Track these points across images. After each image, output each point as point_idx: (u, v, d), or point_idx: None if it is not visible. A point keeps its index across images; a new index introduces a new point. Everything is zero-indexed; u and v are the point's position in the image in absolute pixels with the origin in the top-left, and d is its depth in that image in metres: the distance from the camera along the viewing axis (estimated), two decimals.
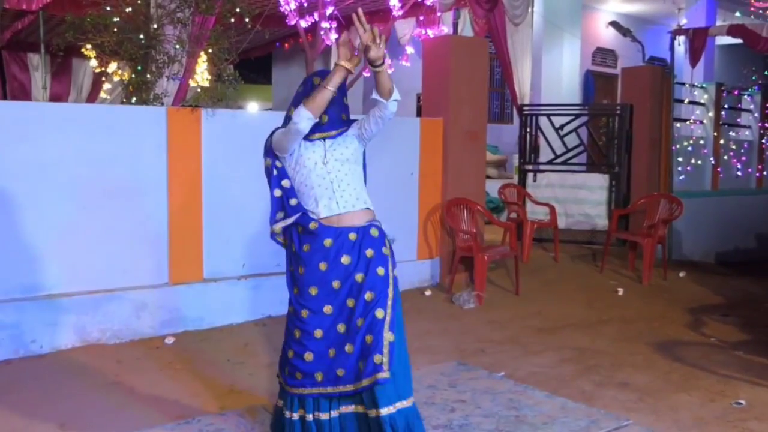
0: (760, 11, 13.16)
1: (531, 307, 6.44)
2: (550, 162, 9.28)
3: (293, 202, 3.12)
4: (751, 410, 4.06)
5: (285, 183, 3.16)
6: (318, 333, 3.01)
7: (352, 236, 3.06)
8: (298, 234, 3.11)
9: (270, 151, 3.20)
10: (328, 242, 3.04)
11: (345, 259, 3.03)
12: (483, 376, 4.53)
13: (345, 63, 2.97)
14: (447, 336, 5.51)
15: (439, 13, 8.98)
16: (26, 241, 4.83)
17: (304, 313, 3.03)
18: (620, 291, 7.14)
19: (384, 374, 2.90)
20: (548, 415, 3.89)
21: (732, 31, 9.39)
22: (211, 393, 4.19)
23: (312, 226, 3.05)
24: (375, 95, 3.01)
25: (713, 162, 10.56)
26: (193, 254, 5.51)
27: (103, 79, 9.88)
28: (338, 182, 3.09)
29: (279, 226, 3.16)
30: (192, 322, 5.40)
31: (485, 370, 4.67)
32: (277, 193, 3.17)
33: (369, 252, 3.05)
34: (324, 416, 3.05)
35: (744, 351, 5.24)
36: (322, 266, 3.03)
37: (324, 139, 3.13)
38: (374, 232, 3.10)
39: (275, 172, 3.18)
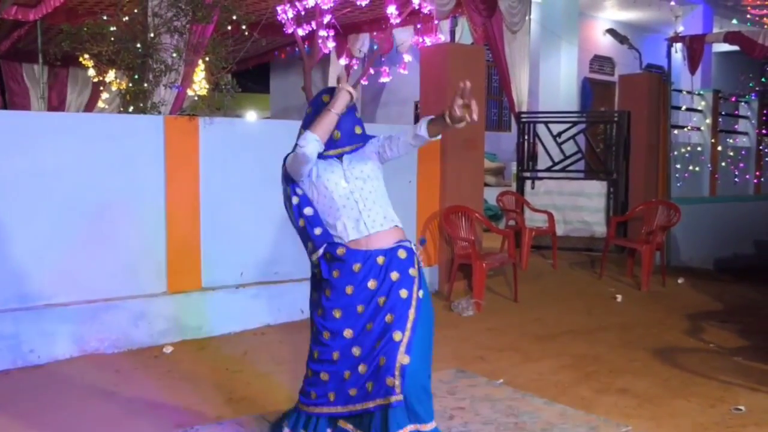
0: (757, 18, 13.20)
1: (530, 314, 6.43)
2: (548, 169, 9.30)
3: (318, 231, 3.03)
4: (750, 416, 4.05)
5: (307, 211, 3.05)
6: (335, 355, 2.97)
7: (380, 260, 2.99)
8: (326, 261, 3.03)
9: (287, 178, 3.10)
10: (356, 267, 2.97)
11: (371, 284, 2.97)
12: (482, 383, 4.53)
13: (350, 88, 2.95)
14: (446, 343, 5.49)
15: (436, 21, 9.00)
16: (23, 251, 4.82)
17: (326, 334, 2.99)
18: (619, 298, 7.14)
19: (397, 397, 2.83)
20: (547, 421, 3.88)
21: (729, 38, 9.40)
22: (209, 402, 4.17)
23: (340, 252, 2.98)
24: (422, 131, 2.91)
25: (711, 168, 10.59)
26: (192, 263, 5.50)
27: (101, 88, 9.92)
28: (363, 201, 3.00)
29: (315, 257, 3.05)
30: (190, 331, 5.39)
31: (484, 377, 4.66)
32: (301, 223, 3.07)
33: (394, 275, 2.97)
34: None
35: (743, 357, 5.24)
36: (349, 290, 2.98)
37: (340, 156, 3.05)
38: (402, 253, 3.02)
39: (295, 200, 3.06)
